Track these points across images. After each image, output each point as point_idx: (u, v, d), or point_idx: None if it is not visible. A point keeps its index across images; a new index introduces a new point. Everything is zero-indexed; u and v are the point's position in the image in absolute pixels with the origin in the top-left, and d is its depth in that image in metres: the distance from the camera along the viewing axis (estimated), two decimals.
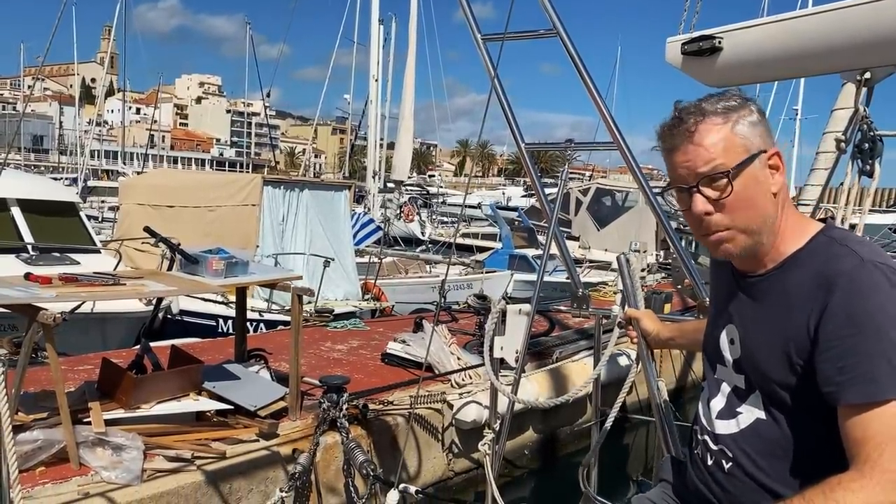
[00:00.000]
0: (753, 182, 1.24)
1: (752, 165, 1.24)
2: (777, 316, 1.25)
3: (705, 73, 2.80)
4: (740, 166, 1.23)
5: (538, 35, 2.67)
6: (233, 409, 3.77)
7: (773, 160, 1.26)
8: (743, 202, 1.24)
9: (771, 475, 1.26)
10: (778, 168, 1.27)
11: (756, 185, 1.25)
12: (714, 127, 1.25)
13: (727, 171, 1.23)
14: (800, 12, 2.68)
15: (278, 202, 9.01)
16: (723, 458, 1.34)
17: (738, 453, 1.31)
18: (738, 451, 1.31)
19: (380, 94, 20.27)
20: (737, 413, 1.32)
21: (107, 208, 21.47)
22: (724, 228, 1.27)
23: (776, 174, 1.27)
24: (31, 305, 2.99)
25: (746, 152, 1.24)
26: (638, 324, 1.89)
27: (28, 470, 2.96)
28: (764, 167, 1.26)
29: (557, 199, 2.60)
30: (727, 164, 1.23)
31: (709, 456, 1.38)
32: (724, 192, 1.24)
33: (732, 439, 1.32)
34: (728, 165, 1.23)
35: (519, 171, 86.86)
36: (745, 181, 1.24)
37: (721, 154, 1.24)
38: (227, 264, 3.88)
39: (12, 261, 6.64)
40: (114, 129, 65.08)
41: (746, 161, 1.23)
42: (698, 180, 1.25)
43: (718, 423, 1.36)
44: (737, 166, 1.23)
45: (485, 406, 4.56)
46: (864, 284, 1.13)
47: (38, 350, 4.04)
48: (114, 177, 34.29)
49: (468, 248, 16.56)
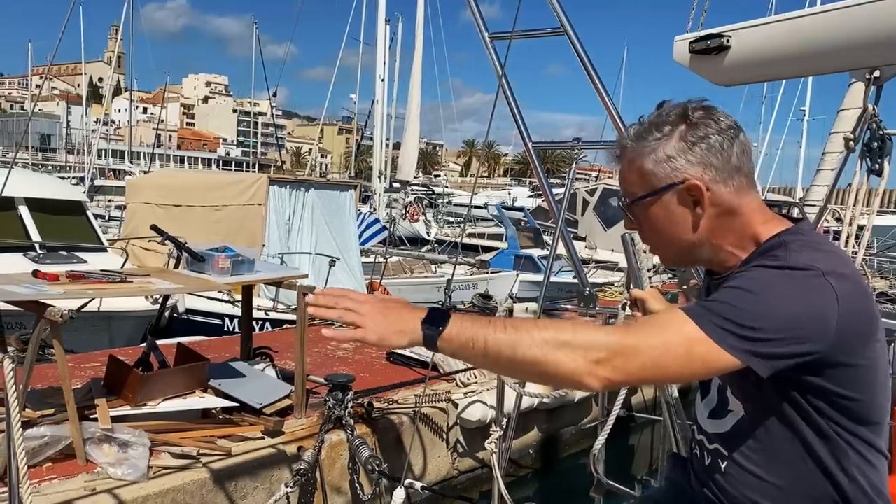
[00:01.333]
0: (662, 213, 1.29)
1: (661, 198, 1.27)
2: None
3: (713, 71, 2.79)
4: (641, 199, 1.30)
5: (546, 33, 2.66)
6: (238, 406, 3.78)
7: (693, 193, 1.25)
8: (652, 229, 1.33)
9: (766, 471, 1.25)
10: (699, 200, 1.25)
11: (665, 216, 1.29)
12: (631, 160, 1.31)
13: (631, 202, 1.32)
14: (809, 10, 2.67)
15: (284, 201, 9.02)
16: (718, 458, 1.34)
17: (732, 452, 1.31)
18: (731, 450, 1.31)
19: (386, 94, 20.30)
20: (728, 412, 1.33)
21: (113, 207, 21.56)
22: (652, 245, 1.39)
23: (698, 206, 1.26)
24: (38, 302, 3.01)
25: (650, 187, 1.28)
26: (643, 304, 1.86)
27: (35, 466, 2.97)
28: (679, 198, 1.26)
29: (565, 198, 2.59)
30: (635, 194, 1.31)
31: (706, 455, 1.38)
32: (638, 217, 1.34)
33: (724, 438, 1.32)
34: (635, 195, 1.31)
35: (525, 171, 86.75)
36: (655, 211, 1.29)
37: (635, 184, 1.31)
38: (233, 262, 3.89)
39: (20, 259, 6.67)
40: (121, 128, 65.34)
41: (647, 195, 1.29)
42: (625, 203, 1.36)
43: (711, 423, 1.37)
44: (637, 199, 1.31)
45: (490, 405, 4.56)
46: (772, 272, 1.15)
47: (46, 347, 4.07)
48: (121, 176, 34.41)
49: (474, 247, 16.55)
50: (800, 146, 34.04)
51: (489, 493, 3.36)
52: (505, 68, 2.57)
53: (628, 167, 1.31)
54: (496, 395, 3.52)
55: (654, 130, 1.27)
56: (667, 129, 1.26)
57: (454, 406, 4.66)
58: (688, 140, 1.25)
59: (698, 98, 1.30)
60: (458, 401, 4.66)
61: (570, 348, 1.10)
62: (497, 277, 12.44)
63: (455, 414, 4.66)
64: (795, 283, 1.13)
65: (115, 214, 18.98)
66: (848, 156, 3.09)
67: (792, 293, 1.12)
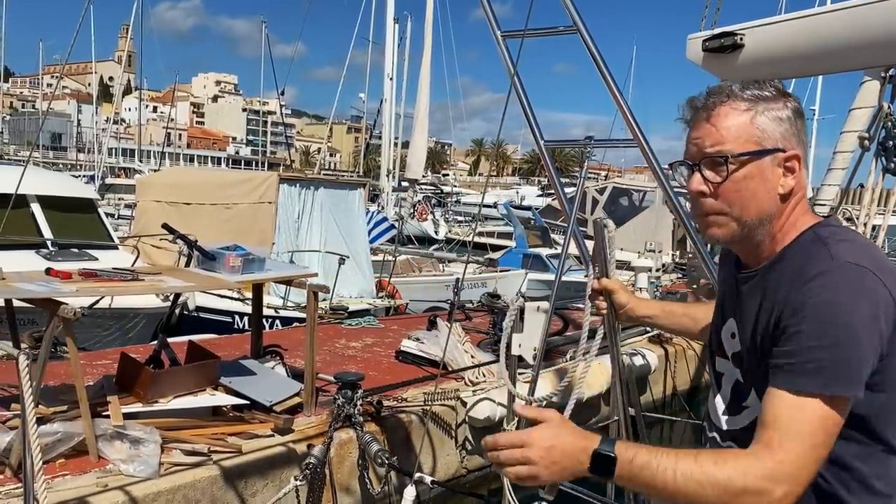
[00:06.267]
0: (758, 176, 1.22)
1: (761, 160, 1.22)
2: (758, 312, 1.25)
3: (726, 70, 2.77)
4: (745, 156, 1.22)
5: (558, 31, 2.66)
6: (248, 404, 3.80)
7: (791, 162, 1.23)
8: (738, 192, 1.23)
9: None
10: (794, 171, 1.23)
11: (760, 180, 1.23)
12: (733, 111, 1.23)
13: (728, 157, 1.22)
14: (824, 9, 2.65)
15: (294, 200, 9.05)
16: None
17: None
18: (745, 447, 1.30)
19: (395, 93, 20.32)
20: (743, 408, 1.31)
21: (123, 205, 21.68)
22: (718, 213, 1.27)
23: (790, 176, 1.23)
24: (52, 300, 3.03)
25: (758, 145, 1.22)
26: (609, 295, 1.82)
27: (48, 462, 2.99)
28: (775, 166, 1.23)
29: (576, 196, 2.58)
30: (733, 151, 1.22)
31: None
32: (721, 177, 1.24)
33: (739, 435, 1.31)
34: (734, 152, 1.22)
35: (533, 170, 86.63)
36: (747, 172, 1.22)
37: (730, 139, 1.22)
38: (244, 261, 3.90)
39: (32, 256, 6.72)
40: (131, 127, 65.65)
41: (754, 153, 1.21)
42: (701, 159, 1.26)
43: (725, 420, 1.35)
44: (740, 154, 1.22)
45: (498, 403, 4.56)
46: (829, 283, 1.13)
47: (58, 345, 4.10)
48: (131, 174, 34.60)
49: (482, 246, 16.54)
50: (810, 146, 33.85)
51: (497, 491, 3.36)
52: (517, 67, 2.57)
53: (732, 119, 1.22)
54: (507, 394, 3.52)
55: (762, 89, 1.23)
56: (774, 93, 1.23)
57: (463, 404, 4.66)
58: (792, 109, 1.23)
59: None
60: (467, 399, 4.66)
61: (749, 495, 1.10)
62: (506, 276, 12.44)
63: (464, 412, 4.66)
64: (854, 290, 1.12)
65: (125, 213, 19.09)
66: (862, 155, 3.07)
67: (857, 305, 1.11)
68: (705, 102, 1.26)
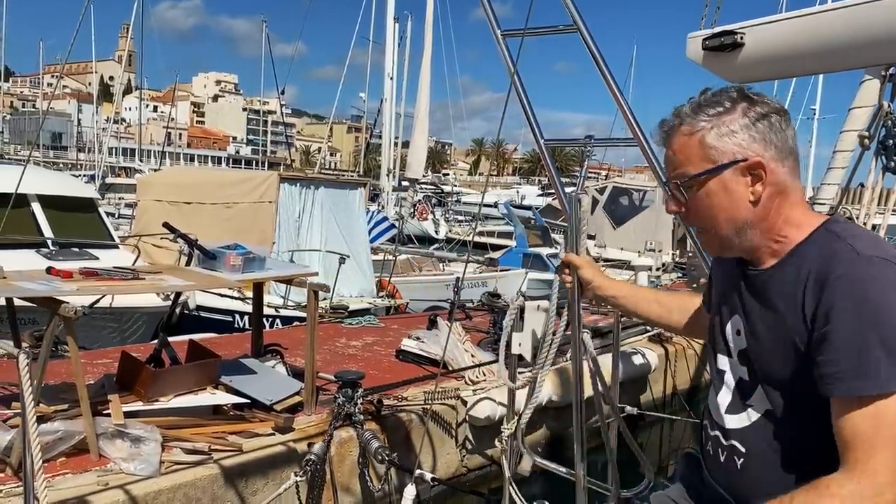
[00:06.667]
0: (721, 191, 1.26)
1: (721, 175, 1.25)
2: (778, 310, 1.24)
3: (727, 69, 2.78)
4: (702, 176, 1.26)
5: (558, 30, 2.66)
6: (249, 403, 3.80)
7: (756, 169, 1.24)
8: (706, 209, 1.29)
9: (785, 468, 1.24)
10: (761, 176, 1.24)
11: (724, 194, 1.26)
12: (683, 136, 1.28)
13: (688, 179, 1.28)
14: (824, 7, 2.65)
15: (294, 199, 9.05)
16: (734, 454, 1.32)
17: (750, 448, 1.29)
18: (749, 446, 1.30)
19: (395, 92, 20.32)
20: (746, 406, 1.31)
21: (123, 205, 21.68)
22: (697, 228, 1.36)
23: (758, 182, 1.25)
24: (52, 299, 3.03)
25: (713, 162, 1.25)
26: (576, 271, 1.81)
27: (49, 460, 2.99)
28: (739, 176, 1.25)
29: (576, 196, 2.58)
30: (691, 172, 1.28)
31: (720, 452, 1.36)
32: (686, 198, 1.30)
33: (743, 434, 1.31)
34: (692, 174, 1.28)
35: (534, 170, 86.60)
36: (709, 189, 1.27)
37: (686, 162, 1.28)
38: (244, 260, 3.90)
39: (33, 255, 6.72)
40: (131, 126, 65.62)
41: (710, 171, 1.25)
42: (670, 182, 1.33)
43: (728, 418, 1.34)
44: (697, 175, 1.27)
45: (498, 402, 4.56)
46: (859, 279, 1.13)
47: (59, 343, 4.10)
48: (131, 174, 34.58)
49: (482, 246, 16.55)
50: (810, 145, 33.82)
51: (497, 490, 3.36)
52: (517, 66, 2.57)
53: (684, 143, 1.27)
54: (507, 392, 3.52)
55: (714, 105, 1.25)
56: (727, 104, 1.25)
57: (463, 403, 4.67)
58: (749, 116, 1.24)
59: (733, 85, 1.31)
60: (467, 398, 4.66)
61: None
62: (506, 276, 12.44)
63: (464, 411, 4.66)
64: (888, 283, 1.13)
65: (126, 212, 19.09)
66: (862, 154, 3.07)
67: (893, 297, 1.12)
68: (663, 129, 1.33)
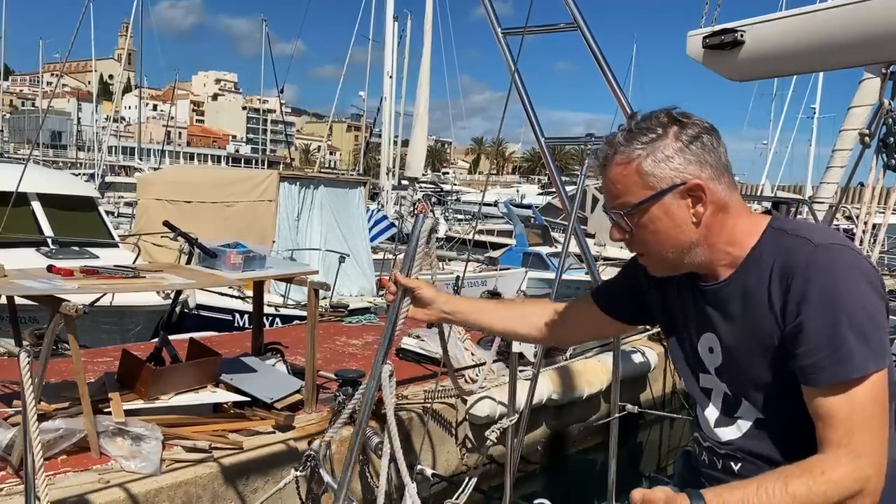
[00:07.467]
0: (664, 216, 1.26)
1: (661, 201, 1.25)
2: (746, 316, 1.25)
3: (727, 67, 2.78)
4: (643, 204, 1.26)
5: (558, 29, 2.66)
6: (249, 401, 3.81)
7: (695, 191, 1.24)
8: (651, 234, 1.28)
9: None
10: (700, 198, 1.25)
11: (667, 219, 1.26)
12: (619, 166, 1.27)
13: (631, 208, 1.27)
14: (824, 5, 2.65)
15: (294, 198, 9.05)
16: (731, 461, 1.33)
17: (746, 455, 1.30)
18: (745, 454, 1.30)
19: (394, 91, 20.30)
20: (735, 419, 1.32)
21: (123, 204, 21.66)
22: (641, 253, 1.35)
23: (698, 204, 1.25)
24: (54, 297, 3.03)
25: (652, 189, 1.25)
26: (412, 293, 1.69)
27: (50, 458, 3.00)
28: (679, 199, 1.25)
29: (577, 195, 2.59)
30: (631, 202, 1.27)
31: (716, 460, 1.37)
32: (631, 225, 1.29)
33: (736, 444, 1.32)
34: (632, 203, 1.27)
35: (534, 169, 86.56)
36: (651, 216, 1.26)
37: (626, 192, 1.27)
38: (245, 258, 3.91)
39: (33, 254, 6.72)
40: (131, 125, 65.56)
41: (650, 199, 1.25)
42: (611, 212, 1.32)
43: (719, 431, 1.35)
44: (638, 204, 1.26)
45: (498, 401, 4.57)
46: (823, 267, 1.16)
47: (59, 342, 4.10)
48: (131, 172, 34.55)
49: (482, 245, 16.54)
50: (810, 144, 33.79)
51: (498, 488, 3.37)
52: (518, 64, 2.57)
53: (620, 172, 1.27)
54: (508, 391, 3.53)
55: (646, 132, 1.25)
56: (659, 131, 1.25)
57: (463, 402, 4.67)
58: (682, 139, 1.24)
59: (669, 106, 1.29)
60: (467, 397, 4.67)
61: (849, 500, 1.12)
62: (506, 274, 12.44)
63: (464, 410, 4.67)
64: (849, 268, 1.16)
65: (125, 211, 19.08)
66: (862, 152, 3.07)
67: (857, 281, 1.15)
68: (598, 160, 1.32)
